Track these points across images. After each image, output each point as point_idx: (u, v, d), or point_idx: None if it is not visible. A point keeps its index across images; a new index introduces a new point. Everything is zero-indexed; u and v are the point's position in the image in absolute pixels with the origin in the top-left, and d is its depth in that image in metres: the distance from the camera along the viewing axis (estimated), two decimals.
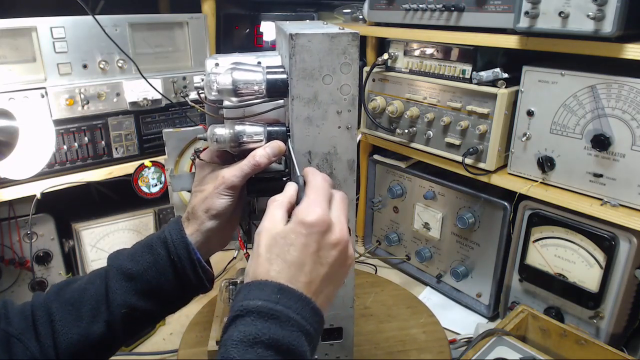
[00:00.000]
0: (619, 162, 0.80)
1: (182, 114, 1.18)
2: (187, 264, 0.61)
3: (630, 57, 0.74)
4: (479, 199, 1.04)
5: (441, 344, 0.95)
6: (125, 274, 0.60)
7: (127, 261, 0.61)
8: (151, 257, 0.61)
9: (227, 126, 0.63)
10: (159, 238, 0.62)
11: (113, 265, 0.62)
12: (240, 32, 1.41)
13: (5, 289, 1.04)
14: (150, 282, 0.60)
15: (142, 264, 0.61)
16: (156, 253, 0.61)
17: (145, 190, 1.12)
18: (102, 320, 0.59)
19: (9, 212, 1.01)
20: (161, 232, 0.63)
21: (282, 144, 0.62)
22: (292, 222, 0.49)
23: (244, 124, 0.63)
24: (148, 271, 0.60)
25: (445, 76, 1.00)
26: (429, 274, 1.21)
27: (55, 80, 0.99)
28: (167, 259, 0.61)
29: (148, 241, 0.63)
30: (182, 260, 0.61)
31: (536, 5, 0.79)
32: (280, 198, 0.53)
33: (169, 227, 0.63)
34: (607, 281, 0.84)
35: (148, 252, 0.61)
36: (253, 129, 0.63)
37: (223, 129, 0.63)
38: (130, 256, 0.62)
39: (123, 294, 0.59)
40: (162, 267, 0.61)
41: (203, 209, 0.62)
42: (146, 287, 0.60)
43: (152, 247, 0.61)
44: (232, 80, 0.61)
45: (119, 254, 0.64)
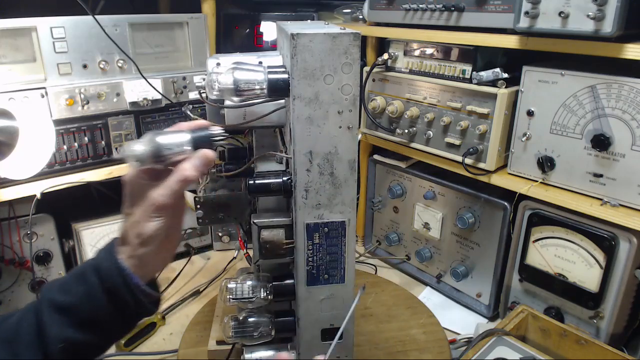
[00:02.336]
0: (619, 162, 0.80)
1: (182, 114, 1.18)
2: (124, 290, 0.57)
3: (630, 57, 0.74)
4: (479, 199, 1.04)
5: (441, 344, 0.95)
6: (58, 306, 0.56)
7: (59, 293, 0.57)
8: (83, 287, 0.57)
9: (146, 140, 0.58)
10: (91, 266, 0.58)
11: (44, 298, 0.57)
12: (240, 32, 1.41)
13: (5, 289, 1.04)
14: (85, 313, 0.56)
15: (75, 295, 0.56)
16: (89, 282, 0.57)
17: None
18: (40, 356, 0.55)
19: (9, 212, 1.01)
20: (93, 259, 0.59)
21: (210, 153, 0.59)
22: None
23: (165, 134, 0.59)
24: (82, 302, 0.56)
25: (445, 76, 1.00)
26: (429, 274, 1.21)
27: (55, 80, 0.99)
28: (100, 287, 0.57)
29: (81, 269, 0.59)
30: (118, 288, 0.57)
31: (536, 5, 0.80)
32: None
33: (101, 253, 0.60)
34: (607, 281, 0.84)
35: (80, 281, 0.57)
36: (175, 139, 0.58)
37: (141, 145, 0.58)
38: (62, 287, 0.58)
39: (58, 327, 0.55)
40: (96, 296, 0.56)
41: (134, 235, 0.58)
42: (82, 319, 0.56)
43: (85, 276, 0.57)
44: (234, 79, 0.61)
45: (51, 285, 0.59)
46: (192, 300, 1.13)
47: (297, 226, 0.67)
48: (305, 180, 0.64)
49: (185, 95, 1.17)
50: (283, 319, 0.74)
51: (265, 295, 0.73)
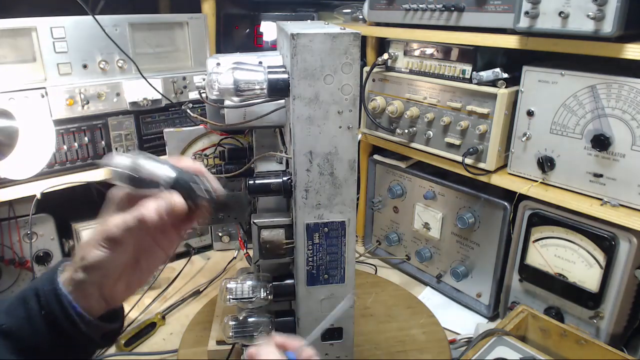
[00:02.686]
0: (619, 162, 0.80)
1: (182, 114, 1.18)
2: (62, 319, 0.51)
3: (630, 57, 0.74)
4: (479, 199, 1.04)
5: (441, 344, 0.95)
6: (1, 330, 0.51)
7: (3, 315, 0.52)
8: (24, 311, 0.52)
9: (130, 157, 0.52)
10: (31, 289, 0.53)
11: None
12: (240, 32, 1.41)
13: (5, 289, 1.04)
14: (26, 339, 0.51)
15: (17, 319, 0.52)
16: (28, 307, 0.52)
17: None
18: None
19: (9, 212, 1.01)
20: (35, 282, 0.54)
21: (178, 201, 0.50)
22: None
23: (152, 160, 0.52)
24: (22, 327, 0.51)
25: (445, 76, 1.00)
26: (429, 274, 1.21)
27: (55, 80, 0.99)
28: (38, 313, 0.51)
29: (23, 293, 0.54)
30: (56, 315, 0.51)
31: (536, 5, 0.80)
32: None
33: (42, 276, 0.54)
34: (607, 281, 0.84)
35: (22, 305, 0.52)
36: (157, 169, 0.51)
37: (123, 158, 0.52)
38: (7, 309, 0.53)
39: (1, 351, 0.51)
40: (35, 322, 0.51)
41: (79, 256, 0.52)
42: (23, 345, 0.51)
43: (26, 299, 0.52)
44: (234, 80, 0.61)
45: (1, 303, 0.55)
46: (192, 300, 1.13)
47: (297, 226, 0.67)
48: (305, 180, 0.64)
49: (185, 95, 1.17)
50: (283, 319, 0.74)
51: (265, 295, 0.73)
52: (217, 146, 0.95)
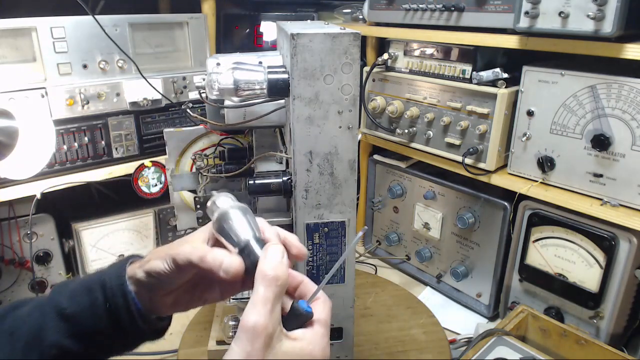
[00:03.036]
0: (619, 162, 0.80)
1: (182, 114, 1.18)
2: (124, 314, 0.54)
3: (630, 57, 0.74)
4: (479, 199, 1.04)
5: (441, 344, 0.95)
6: (61, 313, 0.55)
7: (66, 299, 0.55)
8: (88, 299, 0.55)
9: (230, 204, 0.51)
10: (99, 280, 0.56)
11: (54, 300, 0.56)
12: (240, 32, 1.41)
13: (5, 289, 1.04)
14: (86, 326, 0.54)
15: (80, 305, 0.55)
16: (93, 297, 0.55)
17: (146, 190, 1.12)
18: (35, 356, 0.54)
19: (9, 212, 1.01)
20: (102, 273, 0.57)
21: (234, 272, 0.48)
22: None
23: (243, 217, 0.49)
24: (84, 314, 0.54)
25: (445, 76, 1.00)
26: (429, 274, 1.21)
27: (55, 80, 0.99)
28: (103, 305, 0.54)
29: (90, 280, 0.57)
30: (120, 310, 0.54)
31: (536, 5, 0.80)
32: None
33: (111, 269, 0.57)
34: (607, 281, 0.84)
35: (86, 293, 0.55)
36: (240, 229, 0.49)
37: (227, 201, 0.51)
38: (71, 293, 0.56)
39: (56, 334, 0.54)
40: (98, 312, 0.55)
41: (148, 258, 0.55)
42: (82, 331, 0.55)
43: (91, 289, 0.55)
44: (234, 79, 0.61)
45: (64, 287, 0.58)
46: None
47: (297, 226, 0.67)
48: (305, 180, 0.64)
49: (185, 95, 1.17)
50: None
51: None
52: (217, 146, 0.95)
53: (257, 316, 0.42)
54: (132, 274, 0.55)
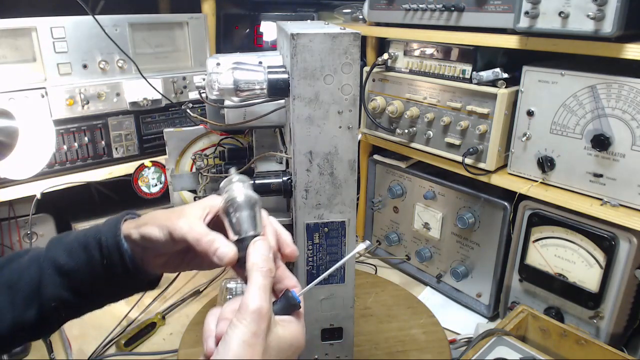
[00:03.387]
0: (619, 162, 0.80)
1: (182, 114, 1.18)
2: (120, 269, 0.57)
3: (630, 57, 0.74)
4: (479, 199, 1.04)
5: (441, 344, 0.95)
6: (59, 268, 0.57)
7: (63, 254, 0.58)
8: (85, 256, 0.58)
9: (245, 193, 0.52)
10: (95, 238, 0.58)
11: (49, 254, 0.59)
12: (240, 32, 1.41)
13: None
14: (83, 280, 0.58)
15: (76, 261, 0.58)
16: (90, 254, 0.57)
17: (145, 190, 1.12)
18: (35, 308, 0.57)
19: (9, 212, 1.01)
20: (97, 231, 0.59)
21: (226, 260, 0.50)
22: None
23: (249, 211, 0.51)
24: (81, 270, 0.57)
25: (445, 76, 1.00)
26: (429, 274, 1.21)
27: (55, 80, 0.99)
28: (100, 262, 0.57)
29: (85, 238, 0.59)
30: (115, 266, 0.57)
31: (536, 5, 0.80)
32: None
33: (106, 227, 0.59)
34: (607, 281, 0.84)
35: (83, 250, 0.58)
36: (243, 222, 0.51)
37: (241, 190, 0.52)
38: (67, 249, 0.59)
39: (55, 287, 0.57)
40: (95, 268, 0.57)
41: (144, 220, 0.57)
42: (79, 284, 0.58)
43: (88, 246, 0.58)
44: (234, 79, 0.61)
45: (59, 241, 0.60)
46: (192, 300, 1.13)
47: (297, 226, 0.67)
48: (305, 180, 0.64)
49: (185, 95, 1.17)
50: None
51: None
52: (217, 146, 0.95)
53: (261, 301, 0.45)
54: (127, 233, 0.57)
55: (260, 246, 0.50)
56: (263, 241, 0.50)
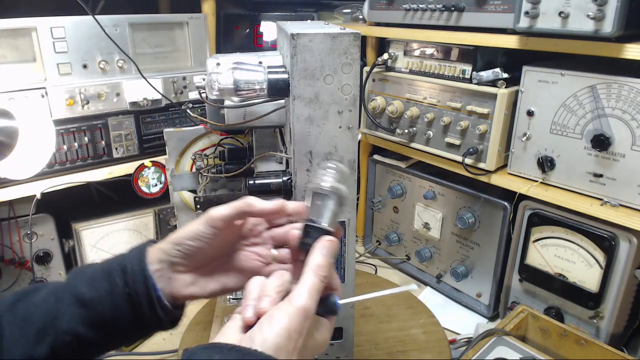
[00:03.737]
0: (619, 162, 0.80)
1: (182, 114, 1.18)
2: (143, 299, 0.55)
3: (630, 57, 0.74)
4: (479, 199, 1.04)
5: (441, 344, 0.95)
6: (79, 299, 0.54)
7: (84, 285, 0.55)
8: (108, 285, 0.55)
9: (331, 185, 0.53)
10: (119, 265, 0.56)
11: (70, 285, 0.56)
12: (240, 32, 1.41)
13: (5, 289, 1.04)
14: (103, 313, 0.54)
15: (99, 291, 0.55)
16: (113, 282, 0.55)
17: (145, 190, 1.12)
18: (47, 343, 0.54)
19: (9, 212, 1.01)
20: (122, 258, 0.57)
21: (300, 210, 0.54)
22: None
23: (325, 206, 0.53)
24: (102, 300, 0.54)
25: (445, 76, 1.00)
26: (429, 274, 1.21)
27: (55, 80, 0.99)
28: (123, 290, 0.55)
29: (109, 266, 0.57)
30: (139, 295, 0.54)
31: (536, 5, 0.80)
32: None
33: (131, 253, 0.57)
34: (607, 281, 0.84)
35: (106, 279, 0.55)
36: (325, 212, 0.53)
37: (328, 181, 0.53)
38: (89, 278, 0.56)
39: (72, 320, 0.54)
40: (117, 298, 0.55)
41: (176, 233, 0.57)
42: (98, 318, 0.54)
43: (111, 274, 0.55)
44: (234, 79, 0.61)
45: (82, 272, 0.58)
46: (192, 300, 1.13)
47: None
48: (305, 180, 0.64)
49: (185, 95, 1.17)
50: None
51: None
52: (217, 146, 0.95)
53: (310, 301, 0.46)
54: (154, 253, 0.56)
55: (328, 248, 0.51)
56: (332, 244, 0.51)
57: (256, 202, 0.55)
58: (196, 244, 0.55)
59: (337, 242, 0.52)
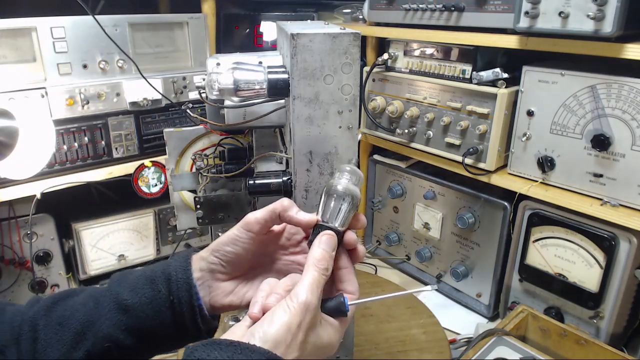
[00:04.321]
0: (619, 162, 0.80)
1: (182, 114, 1.18)
2: (186, 308, 0.55)
3: (630, 57, 0.74)
4: (479, 199, 1.04)
5: (441, 344, 0.95)
6: (120, 304, 0.54)
7: (127, 291, 0.55)
8: (151, 292, 0.55)
9: (348, 192, 0.54)
10: (163, 273, 0.56)
11: (113, 289, 0.56)
12: (240, 32, 1.41)
13: (5, 289, 1.04)
14: (145, 320, 0.54)
15: (141, 298, 0.55)
16: (157, 289, 0.55)
17: (145, 190, 1.12)
18: (84, 348, 0.53)
19: (9, 212, 1.01)
20: (167, 266, 0.57)
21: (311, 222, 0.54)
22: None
23: (341, 207, 0.53)
24: (145, 307, 0.54)
25: (445, 76, 1.00)
26: (429, 274, 1.21)
27: (55, 80, 0.99)
28: (166, 298, 0.55)
29: (152, 273, 0.57)
30: (182, 303, 0.55)
31: (536, 5, 0.80)
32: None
33: (176, 262, 0.57)
34: (607, 281, 0.84)
35: (149, 285, 0.55)
36: (342, 213, 0.53)
37: (346, 187, 0.54)
38: (132, 284, 0.56)
39: (112, 326, 0.54)
40: (160, 306, 0.55)
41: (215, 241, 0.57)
42: (138, 325, 0.54)
43: (154, 281, 0.56)
44: (234, 80, 0.61)
45: (123, 278, 0.58)
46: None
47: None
48: (305, 180, 0.64)
49: (185, 95, 1.17)
50: None
51: None
52: (217, 146, 0.95)
53: (311, 295, 0.47)
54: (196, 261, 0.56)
55: (326, 242, 0.51)
56: (330, 237, 0.52)
57: (291, 205, 0.55)
58: (233, 249, 0.56)
59: (334, 236, 0.52)
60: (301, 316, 0.45)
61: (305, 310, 0.46)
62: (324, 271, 0.49)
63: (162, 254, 1.23)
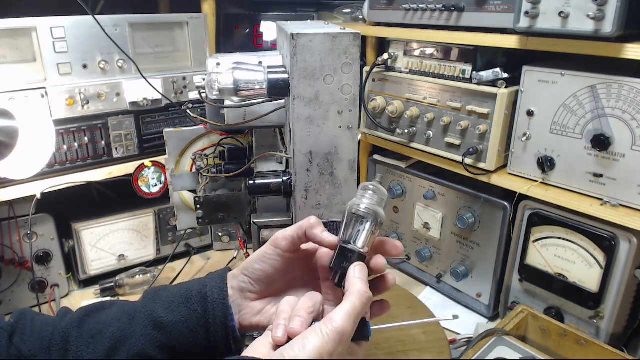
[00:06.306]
0: (619, 162, 0.80)
1: (182, 114, 1.18)
2: (220, 328, 0.55)
3: (630, 57, 0.74)
4: (479, 199, 1.04)
5: (441, 344, 0.95)
6: (156, 321, 0.55)
7: (162, 308, 0.56)
8: (186, 311, 0.55)
9: (372, 211, 0.56)
10: (199, 292, 0.56)
11: (147, 306, 0.56)
12: (240, 32, 1.41)
13: (5, 289, 1.04)
14: (179, 338, 0.55)
15: (176, 316, 0.55)
16: (192, 308, 0.55)
17: (145, 190, 1.12)
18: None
19: (9, 212, 1.01)
20: (203, 286, 0.57)
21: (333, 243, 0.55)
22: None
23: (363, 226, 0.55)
24: (180, 326, 0.55)
25: (445, 76, 1.00)
26: (429, 274, 1.21)
27: (55, 80, 0.99)
28: (202, 317, 0.55)
29: (187, 292, 0.57)
30: (217, 324, 0.55)
31: (536, 5, 0.80)
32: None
33: (212, 282, 0.57)
34: (607, 281, 0.84)
35: (184, 304, 0.56)
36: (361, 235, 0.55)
37: (368, 207, 0.56)
38: (167, 303, 0.56)
39: (146, 342, 0.54)
40: (194, 325, 0.55)
41: (246, 261, 0.58)
42: (172, 342, 0.55)
43: (190, 300, 0.56)
44: (234, 80, 0.61)
45: (157, 295, 0.58)
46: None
47: None
48: (305, 180, 0.64)
49: (185, 95, 1.17)
50: None
51: None
52: (217, 146, 0.95)
53: (349, 325, 0.46)
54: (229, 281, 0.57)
55: (363, 272, 0.51)
56: (363, 267, 0.52)
57: (318, 224, 0.55)
58: (261, 267, 0.56)
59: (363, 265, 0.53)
60: (335, 345, 0.45)
61: (340, 339, 0.45)
62: (367, 302, 0.49)
63: (162, 254, 1.23)
